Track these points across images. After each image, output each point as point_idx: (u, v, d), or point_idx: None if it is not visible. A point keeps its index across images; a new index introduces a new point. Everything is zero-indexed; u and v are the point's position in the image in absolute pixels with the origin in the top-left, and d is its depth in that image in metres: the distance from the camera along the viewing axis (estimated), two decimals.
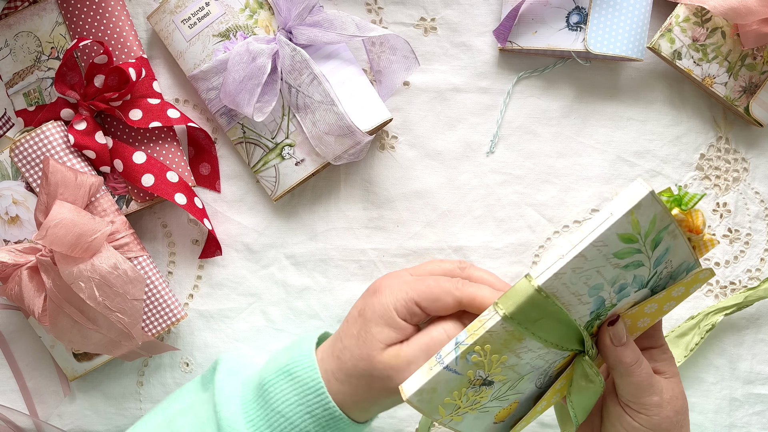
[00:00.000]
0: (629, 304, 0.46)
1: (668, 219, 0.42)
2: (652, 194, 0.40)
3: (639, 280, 0.45)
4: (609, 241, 0.41)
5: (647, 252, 0.43)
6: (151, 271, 0.61)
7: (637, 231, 0.41)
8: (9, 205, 0.60)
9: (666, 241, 0.43)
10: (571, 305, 0.43)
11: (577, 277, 0.42)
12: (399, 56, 0.60)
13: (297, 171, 0.61)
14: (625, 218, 0.40)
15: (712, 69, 0.59)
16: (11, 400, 0.65)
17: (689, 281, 0.46)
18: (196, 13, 0.60)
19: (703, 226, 0.44)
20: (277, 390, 0.50)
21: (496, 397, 0.47)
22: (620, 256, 0.42)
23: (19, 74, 0.62)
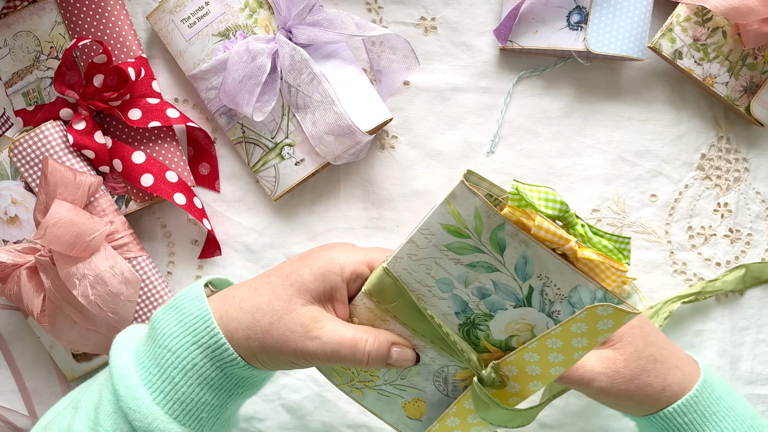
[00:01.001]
0: (522, 325, 0.43)
1: (495, 217, 0.39)
2: (462, 183, 0.39)
3: (507, 290, 0.42)
4: (434, 230, 0.41)
5: (492, 253, 0.41)
6: (150, 271, 0.61)
7: (461, 224, 0.40)
8: (8, 205, 0.60)
9: (516, 246, 0.40)
10: (424, 296, 0.44)
11: (415, 264, 0.43)
12: (399, 56, 0.60)
13: (297, 171, 0.61)
14: (443, 207, 0.40)
15: (713, 68, 0.59)
16: (10, 401, 0.65)
17: (588, 315, 0.40)
18: (196, 12, 0.59)
19: (557, 236, 0.39)
20: (163, 323, 0.46)
21: (387, 381, 0.48)
22: (456, 250, 0.41)
23: (18, 74, 0.62)
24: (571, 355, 0.42)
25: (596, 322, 0.40)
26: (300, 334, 0.45)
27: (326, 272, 0.46)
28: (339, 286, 0.46)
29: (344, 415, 0.64)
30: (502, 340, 0.45)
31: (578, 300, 0.41)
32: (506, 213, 0.40)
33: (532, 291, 0.42)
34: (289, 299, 0.45)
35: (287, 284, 0.46)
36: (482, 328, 0.44)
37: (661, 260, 0.63)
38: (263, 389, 0.65)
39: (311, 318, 0.45)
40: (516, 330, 0.44)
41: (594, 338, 0.41)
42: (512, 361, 0.43)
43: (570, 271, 0.40)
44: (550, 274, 0.41)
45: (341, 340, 0.44)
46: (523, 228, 0.40)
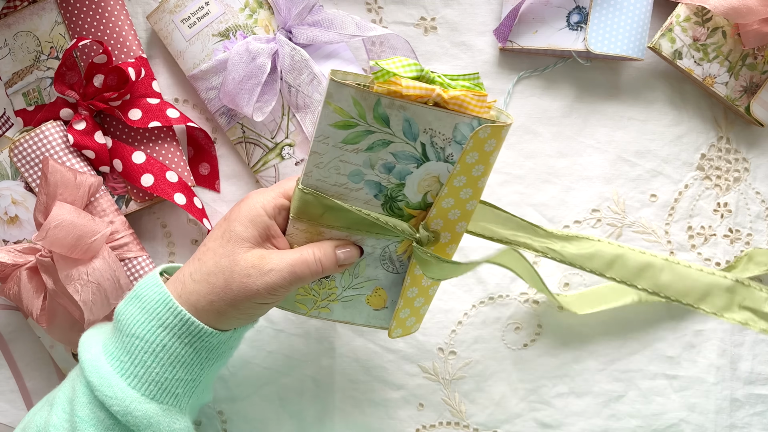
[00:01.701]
0: (430, 179, 0.48)
1: (371, 96, 0.44)
2: (332, 81, 0.44)
3: (406, 155, 0.47)
4: (327, 132, 0.46)
5: (381, 129, 0.46)
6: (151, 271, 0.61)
7: (347, 116, 0.45)
8: (8, 205, 0.60)
9: (396, 114, 0.45)
10: (344, 195, 0.48)
11: (325, 171, 0.47)
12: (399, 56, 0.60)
13: (297, 171, 0.61)
14: (326, 109, 0.45)
15: (713, 69, 0.59)
16: (10, 401, 0.65)
17: (475, 142, 0.46)
18: (196, 12, 0.59)
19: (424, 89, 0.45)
20: (127, 314, 0.49)
21: (345, 286, 0.53)
22: (352, 141, 0.46)
23: (19, 74, 0.62)
24: (476, 184, 0.48)
25: (482, 145, 0.46)
26: (255, 274, 0.48)
27: (253, 217, 0.49)
28: (269, 224, 0.49)
29: (344, 415, 0.64)
30: (419, 201, 0.49)
31: (461, 137, 0.47)
32: (377, 89, 0.45)
33: (424, 147, 0.47)
34: (231, 253, 0.49)
35: (225, 242, 0.49)
36: (400, 198, 0.49)
37: None
38: (264, 389, 0.65)
39: (258, 258, 0.48)
40: (426, 186, 0.49)
41: (487, 161, 0.47)
42: (435, 214, 0.49)
43: (445, 115, 0.46)
44: (431, 125, 0.46)
45: (292, 262, 0.48)
46: (394, 95, 0.45)
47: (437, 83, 0.46)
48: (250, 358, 0.65)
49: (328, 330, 0.64)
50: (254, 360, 0.65)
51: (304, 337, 0.64)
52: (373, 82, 0.46)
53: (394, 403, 0.64)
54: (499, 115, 0.48)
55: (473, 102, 0.46)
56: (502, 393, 0.64)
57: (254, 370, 0.65)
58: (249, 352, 0.65)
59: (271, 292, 0.48)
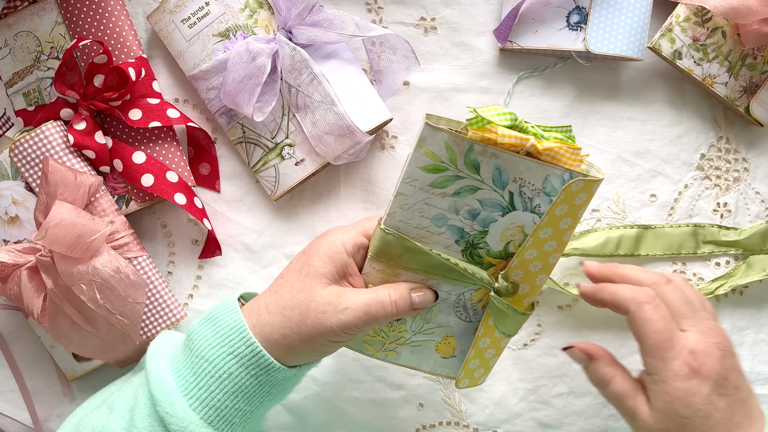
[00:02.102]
0: (514, 229, 0.48)
1: (464, 142, 0.45)
2: (427, 125, 0.44)
3: (492, 203, 0.47)
4: (416, 175, 0.46)
5: (470, 175, 0.46)
6: (151, 271, 0.61)
7: (437, 160, 0.45)
8: (8, 205, 0.60)
9: (488, 161, 0.45)
10: (425, 238, 0.48)
11: (409, 212, 0.47)
12: (399, 56, 0.60)
13: (297, 171, 0.61)
14: (417, 152, 0.45)
15: (713, 69, 0.59)
16: (10, 401, 0.65)
17: (565, 196, 0.46)
18: (196, 12, 0.59)
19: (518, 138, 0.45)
20: (200, 336, 0.50)
21: (416, 330, 0.52)
22: (439, 185, 0.46)
23: (19, 74, 0.62)
24: (561, 238, 0.48)
25: (573, 198, 0.46)
26: (330, 311, 0.48)
27: (332, 254, 0.49)
28: (347, 262, 0.50)
29: (344, 415, 0.64)
30: (501, 250, 0.49)
31: (551, 188, 0.46)
32: (471, 135, 0.45)
33: (512, 195, 0.47)
34: (309, 288, 0.49)
35: (302, 276, 0.49)
36: (481, 246, 0.49)
37: None
38: None
39: (335, 295, 0.48)
40: (510, 236, 0.49)
41: (575, 214, 0.47)
42: (516, 264, 0.48)
43: (537, 165, 0.46)
44: (522, 174, 0.46)
45: (368, 301, 0.48)
46: (488, 143, 0.45)
47: (531, 133, 0.46)
48: None
49: None
50: None
51: None
52: (466, 128, 0.45)
53: (394, 403, 0.64)
54: (590, 169, 0.47)
55: (566, 155, 0.46)
56: (502, 393, 0.64)
57: None
58: None
59: (345, 330, 0.48)
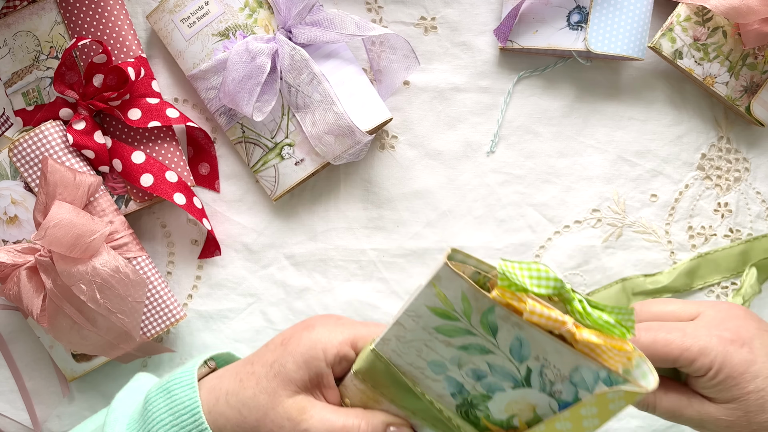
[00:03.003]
0: (524, 405, 0.41)
1: (485, 300, 0.37)
2: (446, 266, 0.36)
3: (504, 372, 0.40)
4: (421, 312, 0.39)
5: (484, 336, 0.39)
6: (150, 271, 0.61)
7: (449, 307, 0.38)
8: (8, 205, 0.60)
9: (509, 329, 0.38)
10: (417, 378, 0.42)
11: (405, 346, 0.41)
12: (399, 55, 0.59)
13: (297, 171, 0.61)
14: (429, 290, 0.38)
15: (713, 68, 0.59)
16: (10, 401, 0.65)
17: (598, 400, 0.37)
18: (196, 12, 0.59)
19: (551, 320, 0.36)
20: (155, 408, 0.45)
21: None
22: (446, 333, 0.39)
23: (18, 74, 0.62)
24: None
25: (607, 404, 0.37)
26: (288, 429, 0.43)
27: (309, 359, 0.44)
28: (324, 372, 0.44)
29: None
30: (503, 420, 0.42)
31: (580, 380, 0.38)
32: (495, 296, 0.37)
33: (530, 372, 0.39)
34: (273, 392, 0.44)
35: (271, 375, 0.44)
36: (481, 408, 0.42)
37: (661, 260, 0.63)
38: None
39: (298, 409, 0.43)
40: (517, 410, 0.41)
41: (606, 417, 0.38)
42: None
43: (569, 353, 0.37)
44: (548, 355, 0.38)
45: (332, 428, 0.42)
46: (514, 311, 0.37)
47: (574, 310, 0.37)
48: None
49: None
50: None
51: None
52: (495, 278, 0.38)
53: None
54: (641, 364, 0.38)
55: (608, 353, 0.37)
56: None
57: None
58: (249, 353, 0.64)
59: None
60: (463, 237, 0.63)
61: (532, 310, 0.36)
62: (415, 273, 0.63)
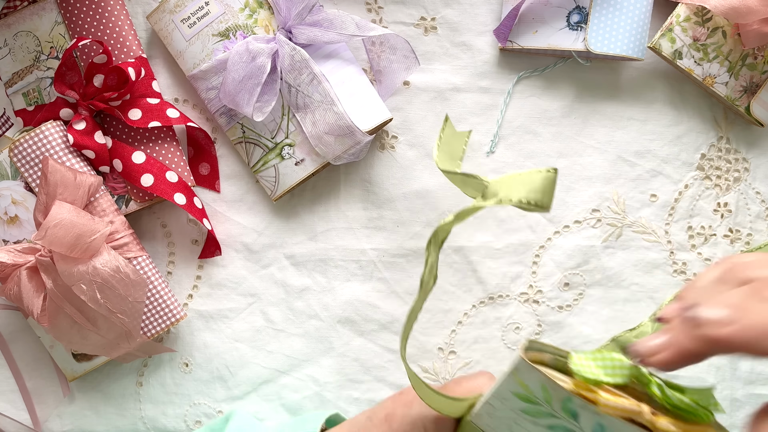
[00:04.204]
0: None
1: (563, 391, 0.38)
2: (522, 360, 0.38)
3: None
4: (506, 396, 0.41)
5: (567, 419, 0.39)
6: (151, 271, 0.61)
7: (530, 393, 0.40)
8: (8, 205, 0.60)
9: (588, 415, 0.38)
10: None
11: (497, 422, 0.43)
12: (399, 56, 0.60)
13: (297, 171, 0.61)
14: (511, 378, 0.40)
15: (713, 69, 0.59)
16: (10, 401, 0.65)
17: None
18: (196, 12, 0.59)
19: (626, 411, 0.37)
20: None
21: None
22: (531, 414, 0.41)
23: (19, 74, 0.62)
24: None
25: None
26: None
27: None
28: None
29: (345, 415, 0.64)
30: None
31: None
32: (571, 388, 0.38)
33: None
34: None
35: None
36: None
37: (661, 260, 0.63)
38: (264, 389, 0.65)
39: None
40: None
41: None
42: None
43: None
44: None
45: None
46: (590, 401, 0.38)
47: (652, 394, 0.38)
48: (250, 358, 0.65)
49: (328, 330, 0.64)
50: (254, 360, 0.65)
51: (304, 337, 0.64)
52: (570, 370, 0.39)
53: None
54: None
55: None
56: None
57: (254, 370, 0.65)
58: (249, 352, 0.65)
59: None
60: (463, 237, 0.63)
61: (606, 403, 0.37)
62: (415, 273, 0.64)
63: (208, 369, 0.65)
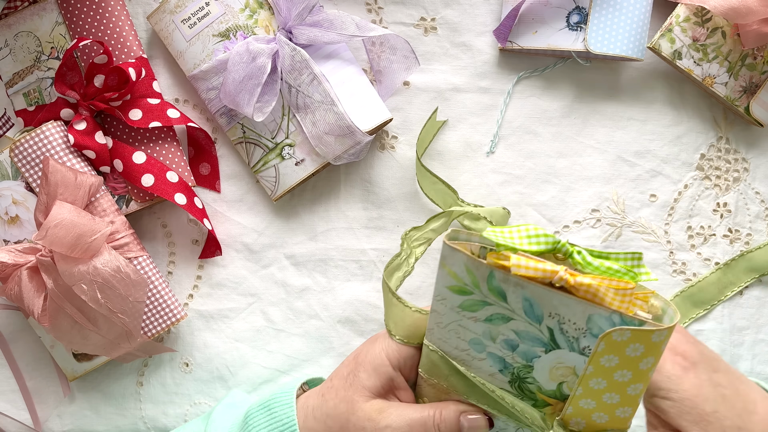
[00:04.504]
0: (564, 369, 0.41)
1: (482, 267, 0.38)
2: (444, 244, 0.39)
3: (531, 336, 0.40)
4: (444, 294, 0.42)
5: (498, 303, 0.40)
6: (151, 271, 0.61)
7: (461, 282, 0.40)
8: (9, 205, 0.60)
9: (513, 290, 0.38)
10: (467, 362, 0.44)
11: (446, 332, 0.43)
12: (399, 56, 0.60)
13: (297, 171, 0.61)
14: (442, 271, 0.41)
15: (713, 69, 0.59)
16: (11, 401, 0.65)
17: (608, 345, 0.36)
18: (196, 12, 0.59)
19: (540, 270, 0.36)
20: (255, 423, 0.50)
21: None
22: (469, 308, 0.41)
23: (19, 74, 0.62)
24: (624, 391, 0.38)
25: (623, 349, 0.36)
26: (370, 428, 0.46)
27: (377, 366, 0.48)
28: (392, 375, 0.48)
29: None
30: (554, 390, 0.42)
31: (599, 330, 0.38)
32: (489, 261, 0.38)
33: (552, 332, 0.39)
34: (351, 400, 0.47)
35: (347, 385, 0.48)
36: (530, 380, 0.42)
37: (660, 260, 0.63)
38: (264, 389, 0.65)
39: (376, 410, 0.46)
40: (560, 376, 0.41)
41: (635, 367, 0.37)
42: (573, 413, 0.40)
43: (574, 302, 0.37)
44: (558, 310, 0.38)
45: (410, 421, 0.45)
46: (506, 271, 0.38)
47: (575, 262, 0.37)
48: (250, 358, 0.65)
49: (328, 330, 0.64)
50: (254, 360, 0.65)
51: (304, 337, 0.64)
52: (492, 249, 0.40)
53: None
54: (666, 310, 0.38)
55: (609, 294, 0.36)
56: None
57: (254, 370, 0.65)
58: (249, 352, 0.65)
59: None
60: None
61: (518, 264, 0.36)
62: (415, 273, 0.64)
63: (209, 369, 0.65)
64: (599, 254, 0.38)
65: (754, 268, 0.63)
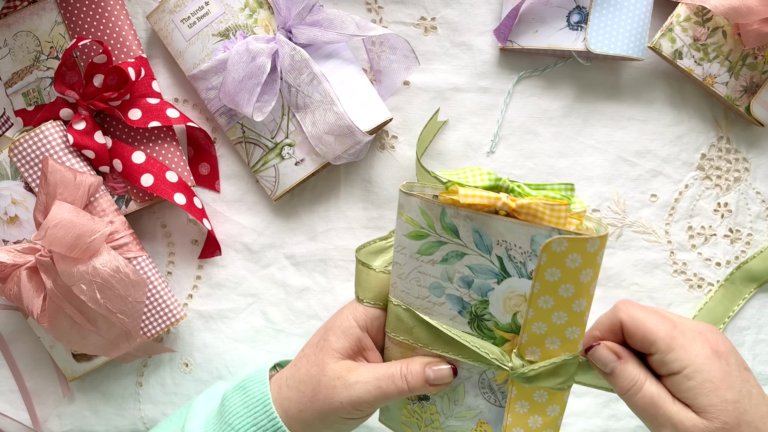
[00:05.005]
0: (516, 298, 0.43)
1: (435, 206, 0.43)
2: (400, 191, 0.44)
3: (483, 269, 0.43)
4: (403, 243, 0.45)
5: (452, 240, 0.43)
6: (151, 271, 0.61)
7: (418, 226, 0.44)
8: (8, 205, 0.60)
9: (464, 224, 0.42)
10: (429, 309, 0.46)
11: (407, 282, 0.46)
12: (399, 56, 0.60)
13: (297, 171, 0.61)
14: (399, 220, 0.45)
15: (713, 68, 0.59)
16: (10, 401, 0.65)
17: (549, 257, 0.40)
18: (196, 12, 0.59)
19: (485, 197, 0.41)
20: (231, 403, 0.51)
21: (447, 414, 0.49)
22: (426, 252, 0.44)
23: (18, 74, 0.62)
24: (569, 307, 0.41)
25: (562, 260, 0.40)
26: (340, 386, 0.47)
27: (345, 329, 0.49)
28: (359, 336, 0.49)
29: None
30: (509, 323, 0.44)
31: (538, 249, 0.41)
32: (440, 198, 0.42)
33: (501, 260, 0.43)
34: (321, 362, 0.49)
35: (317, 351, 0.50)
36: (487, 317, 0.45)
37: (661, 260, 0.63)
38: None
39: (345, 369, 0.48)
40: (514, 306, 0.44)
41: (575, 279, 0.40)
42: (528, 341, 0.43)
43: (517, 226, 0.41)
44: (504, 236, 0.42)
45: (379, 376, 0.47)
46: (456, 205, 0.42)
47: (515, 193, 0.42)
48: (250, 358, 0.65)
49: None
50: (254, 360, 0.65)
51: (304, 337, 0.64)
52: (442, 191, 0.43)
53: None
54: (599, 228, 0.42)
55: (546, 211, 0.40)
56: None
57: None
58: (249, 352, 0.65)
59: (355, 406, 0.47)
60: None
61: (465, 194, 0.41)
62: None
63: (208, 369, 0.65)
64: (536, 186, 0.43)
65: (753, 278, 0.63)
